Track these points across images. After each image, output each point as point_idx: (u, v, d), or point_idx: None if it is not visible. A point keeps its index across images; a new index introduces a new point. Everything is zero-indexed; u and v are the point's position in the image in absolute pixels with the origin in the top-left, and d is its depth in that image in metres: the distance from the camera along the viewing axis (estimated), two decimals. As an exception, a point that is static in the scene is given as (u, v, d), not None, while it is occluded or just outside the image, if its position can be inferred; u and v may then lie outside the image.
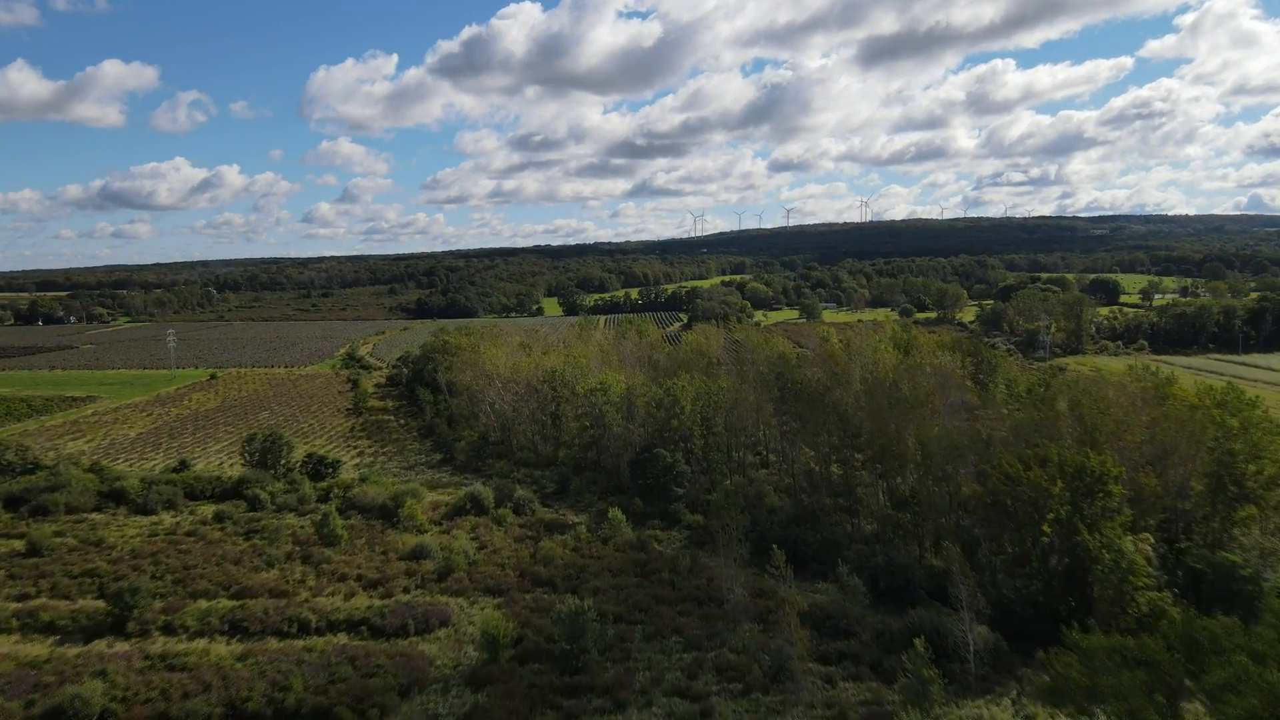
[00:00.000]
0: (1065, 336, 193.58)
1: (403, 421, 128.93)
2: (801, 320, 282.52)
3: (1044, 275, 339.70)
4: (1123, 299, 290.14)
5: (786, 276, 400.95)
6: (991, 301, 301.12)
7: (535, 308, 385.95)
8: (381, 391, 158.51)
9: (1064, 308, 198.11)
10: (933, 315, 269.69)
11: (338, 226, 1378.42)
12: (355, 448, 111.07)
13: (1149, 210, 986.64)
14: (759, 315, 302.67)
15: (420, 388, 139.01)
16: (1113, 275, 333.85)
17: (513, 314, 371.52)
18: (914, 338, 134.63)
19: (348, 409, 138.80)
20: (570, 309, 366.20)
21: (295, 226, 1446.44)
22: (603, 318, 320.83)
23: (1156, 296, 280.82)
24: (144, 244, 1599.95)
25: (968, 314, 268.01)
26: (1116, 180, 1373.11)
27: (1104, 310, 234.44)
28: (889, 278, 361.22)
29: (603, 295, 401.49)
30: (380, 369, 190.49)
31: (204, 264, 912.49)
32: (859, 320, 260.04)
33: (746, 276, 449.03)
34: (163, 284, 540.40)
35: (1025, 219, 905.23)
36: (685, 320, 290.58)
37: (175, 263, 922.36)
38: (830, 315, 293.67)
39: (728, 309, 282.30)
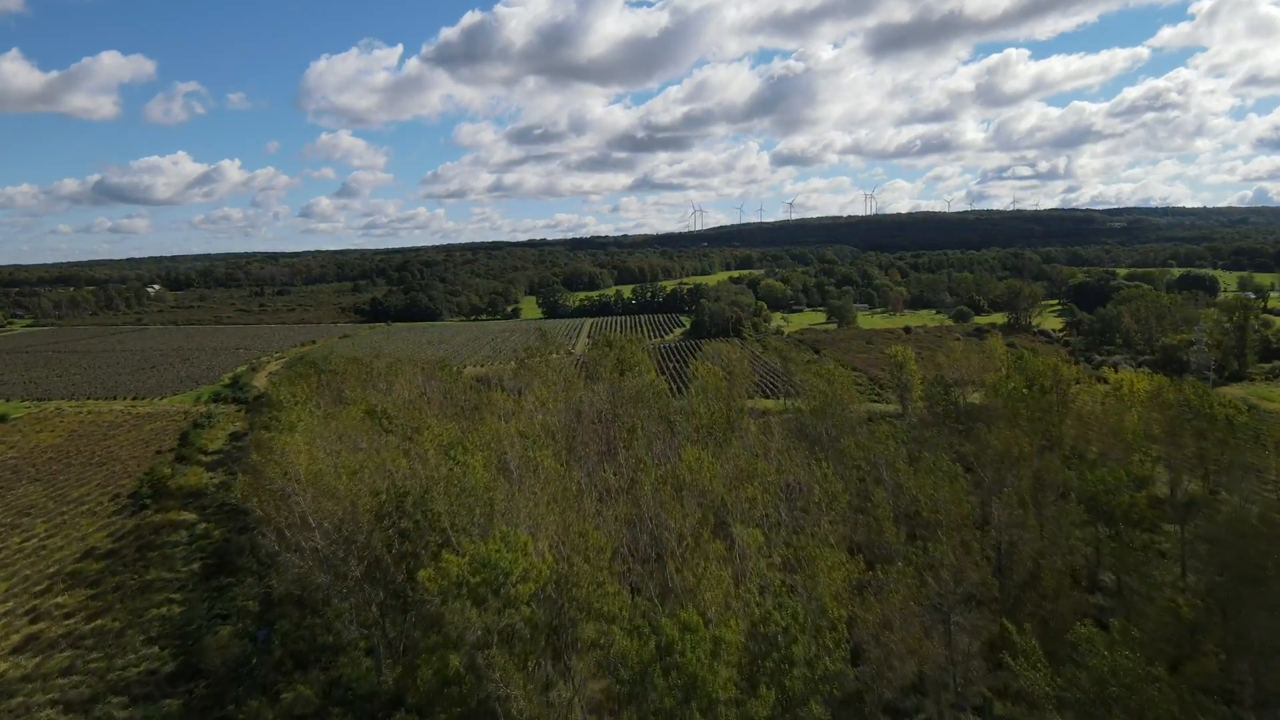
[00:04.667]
0: (1221, 355, 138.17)
1: (202, 528, 73.63)
2: (832, 326, 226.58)
3: (1120, 270, 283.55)
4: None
5: (805, 272, 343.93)
6: (1057, 302, 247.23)
7: (511, 309, 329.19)
8: (230, 449, 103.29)
9: (1222, 313, 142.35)
10: (999, 320, 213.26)
11: (336, 221, 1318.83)
12: (46, 619, 55.73)
13: (1154, 204, 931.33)
14: (777, 318, 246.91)
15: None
16: (1205, 270, 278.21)
17: (483, 316, 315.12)
18: (1056, 368, 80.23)
19: (129, 496, 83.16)
20: (552, 310, 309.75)
21: (293, 221, 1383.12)
22: (588, 321, 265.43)
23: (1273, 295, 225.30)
24: (142, 239, 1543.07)
25: (1048, 320, 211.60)
26: (1122, 174, 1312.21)
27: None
28: (929, 273, 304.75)
29: (590, 294, 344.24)
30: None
31: (172, 259, 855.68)
32: (907, 327, 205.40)
33: (758, 272, 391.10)
34: (110, 280, 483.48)
35: (1037, 211, 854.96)
36: (688, 326, 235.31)
37: (143, 258, 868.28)
38: (865, 319, 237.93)
39: (740, 312, 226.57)
